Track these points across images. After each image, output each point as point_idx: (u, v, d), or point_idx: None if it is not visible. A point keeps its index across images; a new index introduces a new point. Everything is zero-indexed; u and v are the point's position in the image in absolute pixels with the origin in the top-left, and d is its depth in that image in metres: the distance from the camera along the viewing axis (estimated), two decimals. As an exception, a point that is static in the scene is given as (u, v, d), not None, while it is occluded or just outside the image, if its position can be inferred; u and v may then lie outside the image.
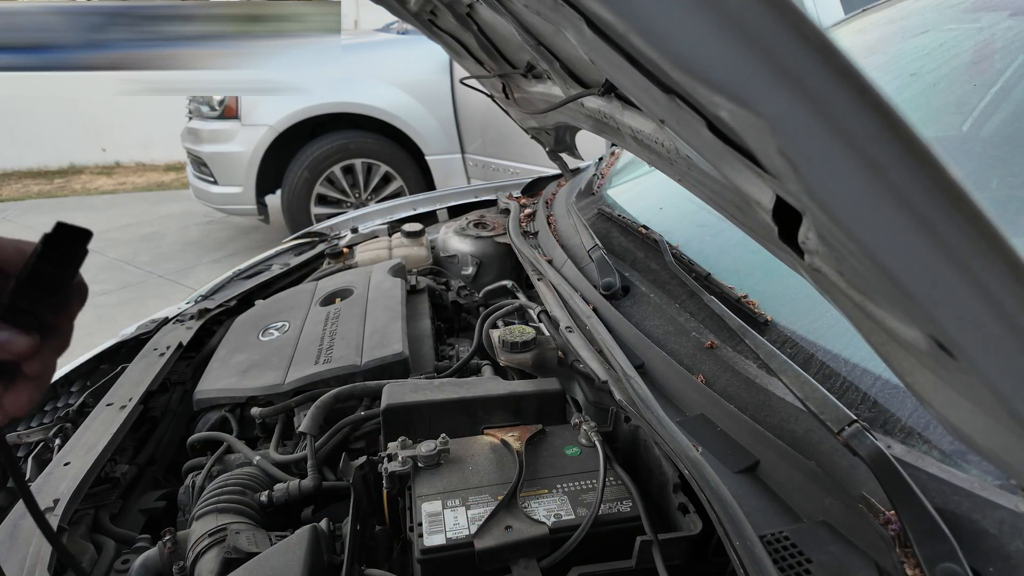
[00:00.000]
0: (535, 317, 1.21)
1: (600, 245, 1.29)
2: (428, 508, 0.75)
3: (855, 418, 0.68)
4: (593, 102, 1.00)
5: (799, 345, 0.89)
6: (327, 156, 3.81)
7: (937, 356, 0.34)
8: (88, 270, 0.47)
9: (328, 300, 1.37)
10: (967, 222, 0.26)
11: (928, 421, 0.72)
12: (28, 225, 4.66)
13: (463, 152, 4.04)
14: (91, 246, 0.48)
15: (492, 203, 2.05)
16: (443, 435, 0.85)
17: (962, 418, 0.42)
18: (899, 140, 0.26)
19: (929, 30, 1.46)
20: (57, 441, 1.04)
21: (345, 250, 1.74)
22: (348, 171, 3.89)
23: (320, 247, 1.80)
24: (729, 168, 0.45)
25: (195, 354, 1.35)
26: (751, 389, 0.87)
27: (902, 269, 0.30)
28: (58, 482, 0.88)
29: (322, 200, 3.89)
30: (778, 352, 0.84)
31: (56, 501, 0.85)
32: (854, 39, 1.58)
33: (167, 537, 0.81)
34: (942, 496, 0.63)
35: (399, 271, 1.47)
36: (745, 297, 1.01)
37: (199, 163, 3.93)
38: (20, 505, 0.86)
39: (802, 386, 0.76)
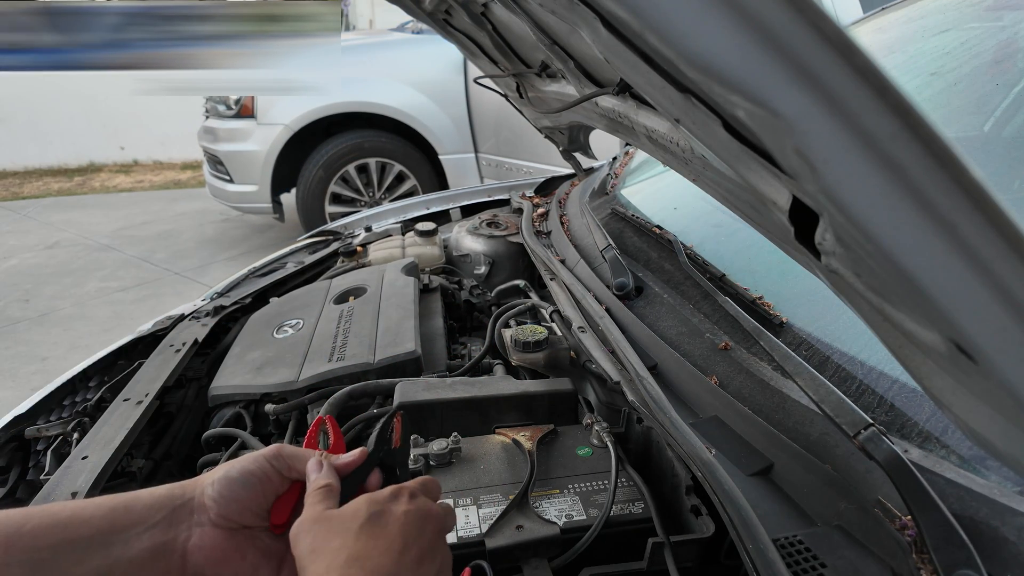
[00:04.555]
0: (547, 317, 1.21)
1: (613, 245, 1.28)
2: (439, 506, 0.75)
3: (871, 422, 0.68)
4: (607, 101, 1.00)
5: (815, 347, 0.88)
6: (341, 155, 3.83)
7: (956, 360, 0.34)
8: (105, 267, 0.47)
9: (342, 298, 1.38)
10: (989, 224, 0.26)
11: (946, 425, 0.71)
12: (47, 222, 4.75)
13: (476, 151, 4.05)
14: (109, 243, 0.47)
15: (505, 202, 2.05)
16: (455, 434, 0.85)
17: (981, 423, 0.41)
18: (919, 140, 0.25)
19: (950, 28, 1.43)
20: (75, 435, 1.05)
21: (359, 249, 1.75)
22: (362, 170, 3.91)
23: (334, 246, 1.81)
24: (745, 168, 0.45)
25: (210, 351, 1.36)
26: (766, 391, 0.86)
27: (921, 271, 0.30)
28: (76, 475, 0.89)
29: (336, 199, 3.92)
30: (793, 354, 0.83)
31: (74, 494, 0.86)
32: (873, 38, 1.56)
33: (182, 531, 0.82)
34: (960, 502, 0.62)
35: (412, 270, 1.47)
36: (760, 298, 1.00)
37: (215, 161, 3.97)
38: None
39: (817, 389, 0.75)
